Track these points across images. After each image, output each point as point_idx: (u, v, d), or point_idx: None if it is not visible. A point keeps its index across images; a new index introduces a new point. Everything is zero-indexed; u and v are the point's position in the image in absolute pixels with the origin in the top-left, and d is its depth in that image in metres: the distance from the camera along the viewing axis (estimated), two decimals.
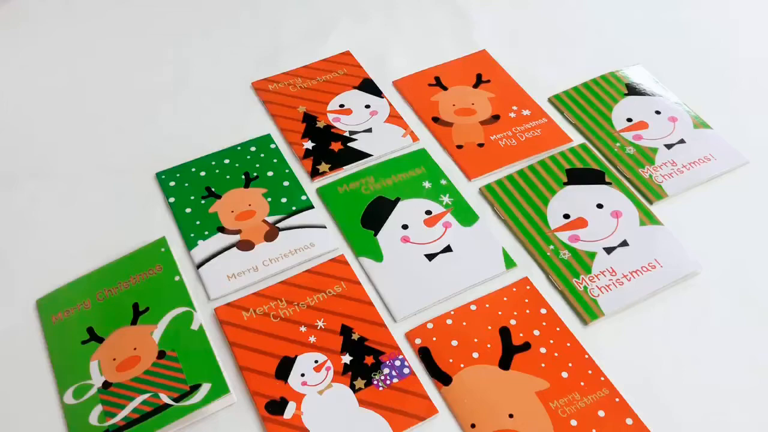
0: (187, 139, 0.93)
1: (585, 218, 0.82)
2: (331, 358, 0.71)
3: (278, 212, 0.84)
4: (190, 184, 0.87)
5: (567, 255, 0.79)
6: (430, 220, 0.83)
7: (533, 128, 0.92)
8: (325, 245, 0.81)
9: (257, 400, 0.69)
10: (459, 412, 0.68)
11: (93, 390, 0.70)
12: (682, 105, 0.93)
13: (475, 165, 0.89)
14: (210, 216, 0.84)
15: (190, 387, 0.69)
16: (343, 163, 0.89)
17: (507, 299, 0.76)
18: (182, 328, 0.73)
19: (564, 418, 0.67)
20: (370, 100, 0.97)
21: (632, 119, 0.92)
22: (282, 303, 0.76)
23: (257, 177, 0.88)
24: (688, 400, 0.68)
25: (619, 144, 0.89)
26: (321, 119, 0.94)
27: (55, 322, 0.75)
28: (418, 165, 0.89)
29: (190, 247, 0.81)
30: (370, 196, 0.86)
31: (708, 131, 0.90)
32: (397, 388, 0.69)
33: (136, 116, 0.97)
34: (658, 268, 0.77)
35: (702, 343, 0.72)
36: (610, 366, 0.70)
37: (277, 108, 0.96)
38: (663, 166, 0.87)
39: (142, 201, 0.87)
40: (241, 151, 0.91)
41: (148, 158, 0.91)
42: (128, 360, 0.71)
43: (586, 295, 0.75)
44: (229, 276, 0.79)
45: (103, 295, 0.77)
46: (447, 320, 0.74)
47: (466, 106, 0.95)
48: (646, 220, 0.81)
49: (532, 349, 0.72)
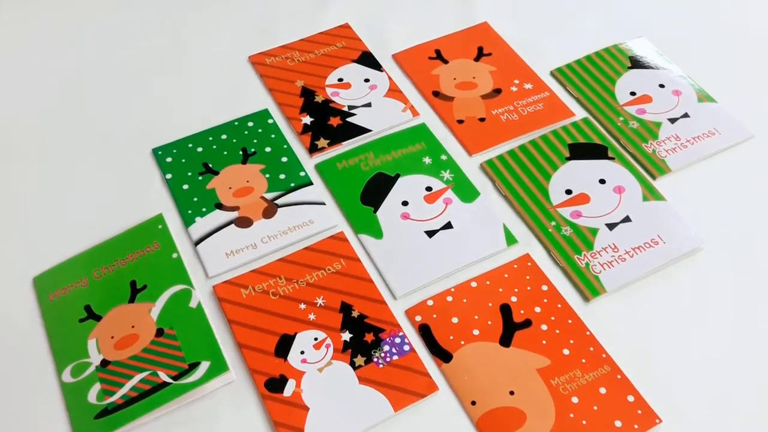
0: (183, 115, 0.92)
1: (587, 194, 0.81)
2: (330, 336, 0.71)
3: (276, 189, 0.83)
4: (187, 160, 0.86)
5: (569, 231, 0.78)
6: (431, 197, 0.82)
7: (535, 102, 0.91)
8: (324, 222, 0.80)
9: (257, 377, 0.69)
10: (459, 389, 0.68)
11: (91, 368, 0.69)
12: (686, 78, 0.92)
13: (476, 140, 0.88)
14: (207, 192, 0.83)
15: (188, 365, 0.68)
16: (341, 138, 0.88)
17: (508, 276, 0.75)
18: (180, 306, 0.73)
19: (565, 395, 0.66)
20: (369, 74, 0.95)
21: (636, 93, 0.91)
22: (281, 280, 0.75)
23: (255, 153, 0.87)
24: (690, 377, 0.68)
25: (622, 118, 0.88)
26: (319, 94, 0.93)
27: (52, 300, 0.75)
28: (419, 140, 0.87)
29: (187, 224, 0.81)
30: (369, 172, 0.85)
31: (712, 105, 0.89)
32: (397, 366, 0.69)
33: (131, 92, 0.95)
34: (660, 244, 0.76)
35: (704, 320, 0.72)
36: (612, 343, 0.70)
37: (274, 82, 0.95)
38: (666, 141, 0.86)
39: (138, 177, 0.86)
40: (238, 126, 0.90)
41: (145, 134, 0.90)
42: (126, 338, 0.71)
43: (588, 271, 0.75)
44: (227, 253, 0.78)
45: (100, 272, 0.76)
46: (447, 297, 0.74)
47: (467, 80, 0.94)
48: (649, 195, 0.80)
49: (533, 326, 0.71)
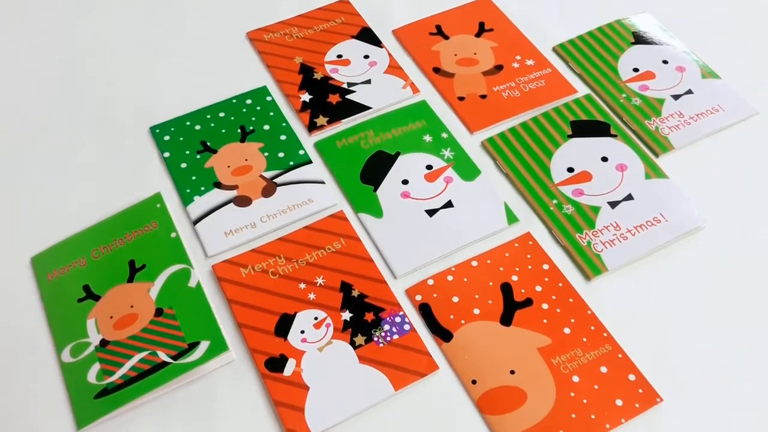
0: (181, 92, 0.91)
1: (589, 172, 0.80)
2: (330, 315, 0.71)
3: (275, 167, 0.82)
4: (185, 138, 0.85)
5: (570, 209, 0.77)
6: (431, 175, 0.81)
7: (537, 79, 0.90)
8: (323, 201, 0.80)
9: (257, 357, 0.68)
10: (460, 368, 0.68)
11: (90, 348, 0.69)
12: (690, 54, 0.91)
13: (477, 117, 0.87)
14: (206, 171, 0.82)
15: (188, 345, 0.68)
16: (341, 116, 0.87)
17: (509, 255, 0.75)
18: (179, 286, 0.73)
19: (566, 374, 0.66)
20: (368, 50, 0.94)
21: (639, 69, 0.90)
22: (281, 260, 0.75)
23: (253, 131, 0.86)
24: (692, 356, 0.68)
25: (624, 95, 0.87)
26: (318, 70, 0.92)
27: (50, 279, 0.75)
28: (419, 118, 0.86)
29: (185, 203, 0.80)
30: (369, 150, 0.84)
31: (716, 81, 0.88)
32: (398, 345, 0.69)
33: (128, 70, 0.94)
34: (663, 222, 0.75)
35: (706, 299, 0.71)
36: (613, 322, 0.70)
37: (273, 59, 0.94)
38: (670, 118, 0.85)
39: (136, 156, 0.85)
40: (236, 104, 0.89)
41: (142, 112, 0.89)
42: (125, 318, 0.71)
43: (590, 250, 0.74)
44: (226, 232, 0.77)
45: (98, 252, 0.76)
46: (448, 276, 0.73)
47: (468, 56, 0.93)
48: (651, 173, 0.79)
49: (534, 305, 0.71)
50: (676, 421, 0.64)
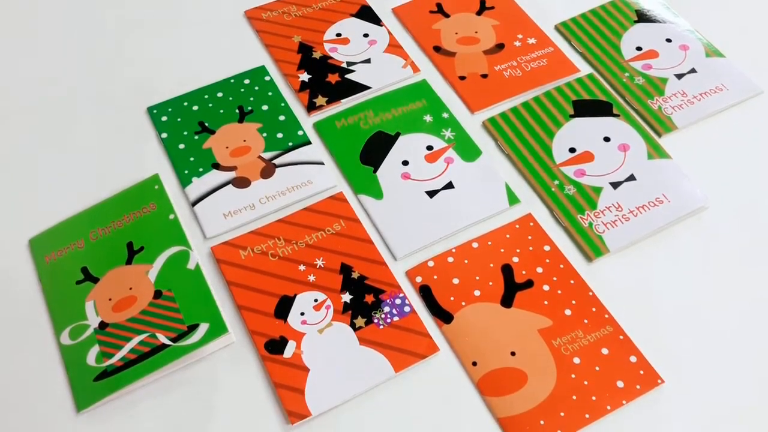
0: (178, 72, 0.90)
1: (591, 152, 0.79)
2: (330, 297, 0.70)
3: (274, 148, 0.82)
4: (183, 118, 0.85)
5: (572, 190, 0.77)
6: (432, 156, 0.80)
7: (539, 58, 0.89)
8: (323, 182, 0.79)
9: (256, 339, 0.68)
10: (460, 350, 0.67)
11: (89, 330, 0.69)
12: (694, 32, 0.89)
13: (478, 97, 0.86)
14: (204, 152, 0.82)
15: (187, 327, 0.68)
16: (340, 96, 0.86)
17: (510, 236, 0.74)
18: (178, 268, 0.72)
19: (567, 355, 0.66)
20: (368, 29, 0.93)
21: (642, 48, 0.88)
22: (280, 241, 0.74)
23: (252, 111, 0.85)
24: (694, 338, 0.68)
25: (627, 74, 0.86)
26: (317, 49, 0.91)
27: (48, 262, 0.74)
28: (419, 98, 0.85)
29: (184, 184, 0.79)
30: (369, 130, 0.83)
31: (721, 60, 0.87)
32: (398, 327, 0.68)
33: (125, 49, 0.93)
34: (665, 203, 0.75)
35: (709, 281, 0.71)
36: (615, 303, 0.69)
37: (271, 38, 0.92)
38: (673, 97, 0.84)
39: (133, 137, 0.84)
40: (234, 84, 0.88)
41: (139, 92, 0.88)
42: (124, 300, 0.70)
43: (591, 231, 0.74)
44: (225, 214, 0.77)
45: (96, 234, 0.75)
46: (448, 258, 0.73)
47: (469, 35, 0.91)
48: (654, 153, 0.79)
49: (535, 286, 0.71)
50: (677, 403, 0.64)
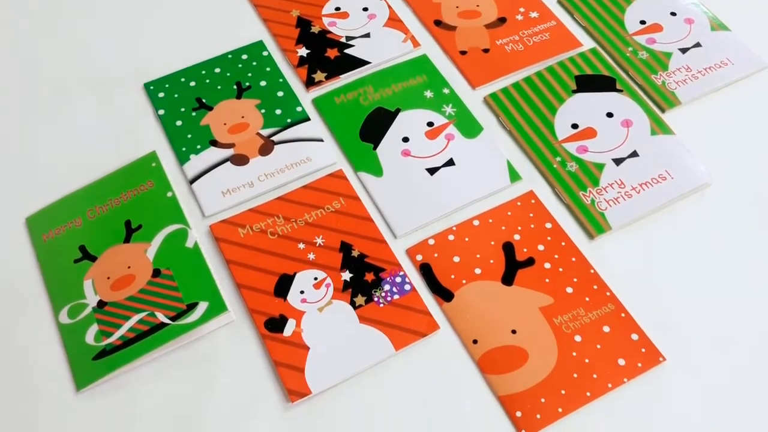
0: (175, 47, 0.88)
1: (594, 128, 0.78)
2: (330, 275, 0.70)
3: (273, 125, 0.81)
4: (180, 95, 0.83)
5: (574, 167, 0.76)
6: (432, 132, 0.79)
7: (541, 32, 0.87)
8: (322, 159, 0.78)
9: (256, 317, 0.68)
10: (461, 328, 0.67)
11: (88, 309, 0.69)
12: (698, 5, 0.88)
13: (480, 72, 0.84)
14: (201, 129, 0.81)
15: (186, 305, 0.68)
16: (339, 71, 0.85)
17: (511, 214, 0.73)
18: (177, 246, 0.72)
19: (568, 333, 0.66)
20: (367, 2, 0.91)
21: (646, 21, 0.87)
22: (279, 219, 0.73)
23: (250, 87, 0.84)
24: (695, 316, 0.67)
25: (631, 48, 0.85)
26: (316, 24, 0.89)
27: (45, 240, 0.74)
28: (420, 73, 0.84)
29: (181, 161, 0.78)
30: (368, 107, 0.82)
31: (726, 33, 0.85)
32: (398, 305, 0.68)
33: (121, 24, 0.92)
34: (668, 179, 0.74)
35: (711, 258, 0.70)
36: (616, 281, 0.69)
37: (269, 12, 0.91)
38: (677, 72, 0.82)
39: (130, 113, 0.83)
40: (232, 59, 0.86)
41: (136, 68, 0.87)
42: (123, 278, 0.70)
43: (593, 208, 0.73)
44: (223, 192, 0.76)
45: (94, 212, 0.75)
46: (449, 236, 0.72)
47: (470, 8, 0.90)
48: (657, 129, 0.78)
49: (536, 264, 0.70)
50: (679, 381, 0.64)
